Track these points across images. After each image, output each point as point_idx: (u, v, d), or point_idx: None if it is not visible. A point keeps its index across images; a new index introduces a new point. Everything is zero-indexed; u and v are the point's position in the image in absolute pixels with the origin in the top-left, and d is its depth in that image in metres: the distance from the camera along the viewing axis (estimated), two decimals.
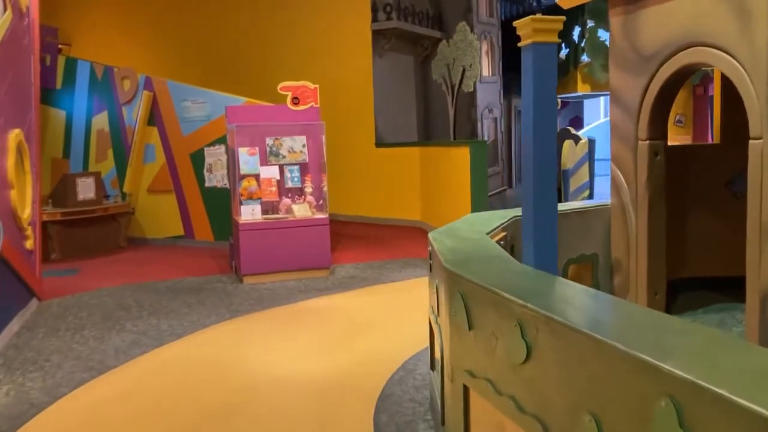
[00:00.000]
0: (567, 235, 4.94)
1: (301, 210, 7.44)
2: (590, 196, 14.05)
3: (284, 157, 7.67)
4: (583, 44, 17.56)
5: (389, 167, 10.96)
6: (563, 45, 18.31)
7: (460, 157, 8.70)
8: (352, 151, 11.30)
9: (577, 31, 17.80)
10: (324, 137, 7.62)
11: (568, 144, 12.57)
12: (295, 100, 7.74)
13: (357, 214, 11.33)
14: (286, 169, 7.63)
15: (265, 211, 7.40)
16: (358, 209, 11.33)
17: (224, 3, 12.00)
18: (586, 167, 13.69)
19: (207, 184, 9.45)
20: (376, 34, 10.95)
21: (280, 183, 7.56)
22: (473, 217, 4.41)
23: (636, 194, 4.60)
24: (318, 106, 7.71)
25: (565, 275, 4.72)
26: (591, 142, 13.98)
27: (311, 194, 7.64)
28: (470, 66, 9.29)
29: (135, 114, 9.80)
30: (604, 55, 17.86)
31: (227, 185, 8.61)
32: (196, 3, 12.24)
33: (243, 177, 7.37)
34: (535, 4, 21.74)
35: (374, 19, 10.84)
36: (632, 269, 4.82)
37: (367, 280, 7.15)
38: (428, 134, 12.54)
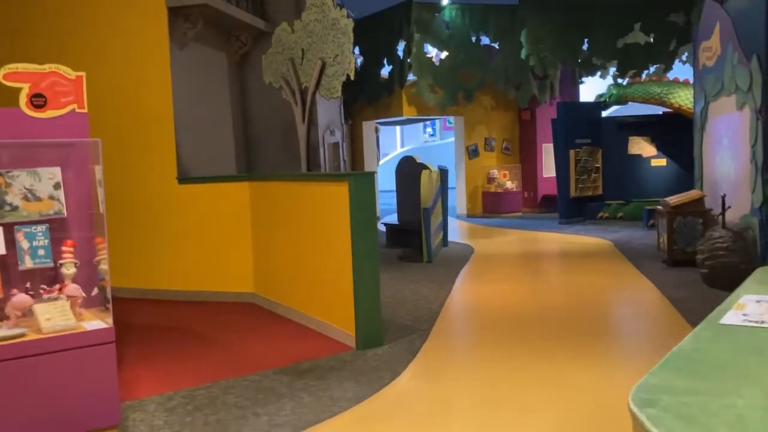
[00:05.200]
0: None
1: (56, 315, 3.71)
2: (444, 240, 11.55)
3: (16, 209, 3.90)
4: (409, 60, 15.27)
5: (202, 214, 7.37)
6: (386, 61, 15.90)
7: (333, 197, 5.51)
8: (142, 191, 7.55)
9: (402, 46, 15.49)
10: (99, 168, 4.01)
11: (426, 175, 9.90)
12: (39, 100, 4.03)
13: (152, 288, 7.54)
14: (21, 233, 3.86)
15: None
16: (154, 280, 7.55)
17: None
18: (439, 203, 11.16)
19: None
20: (176, 14, 7.36)
21: (8, 261, 3.77)
22: None
23: None
24: (85, 110, 4.09)
25: None
26: (444, 173, 11.51)
27: (73, 278, 3.95)
28: (335, 59, 6.15)
29: None
30: (431, 74, 15.77)
31: None
32: None
33: None
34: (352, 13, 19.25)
35: None
36: None
37: None
38: (251, 164, 9.09)
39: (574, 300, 6.96)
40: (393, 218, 13.18)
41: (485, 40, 16.06)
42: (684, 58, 15.02)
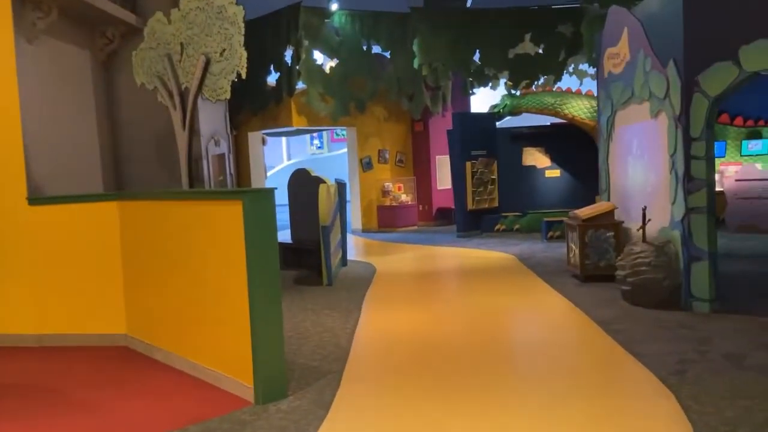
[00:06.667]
0: None
1: None
2: (344, 259, 10.70)
3: None
4: (298, 68, 14.39)
5: (59, 240, 6.13)
6: (272, 68, 14.91)
7: (223, 218, 4.56)
8: None
9: (290, 52, 14.58)
10: None
11: (324, 190, 9.05)
12: None
13: None
14: None
15: None
16: None
17: None
18: (338, 220, 10.33)
19: None
20: (22, 1, 6.10)
21: None
22: None
23: None
24: None
25: None
26: (341, 186, 10.69)
27: None
28: (222, 53, 5.18)
29: None
30: (322, 82, 14.95)
31: None
32: None
33: None
34: None
35: None
36: None
37: None
38: (121, 180, 7.85)
39: (495, 326, 6.37)
40: (285, 235, 12.18)
41: (377, 48, 15.47)
42: (571, 69, 15.20)
